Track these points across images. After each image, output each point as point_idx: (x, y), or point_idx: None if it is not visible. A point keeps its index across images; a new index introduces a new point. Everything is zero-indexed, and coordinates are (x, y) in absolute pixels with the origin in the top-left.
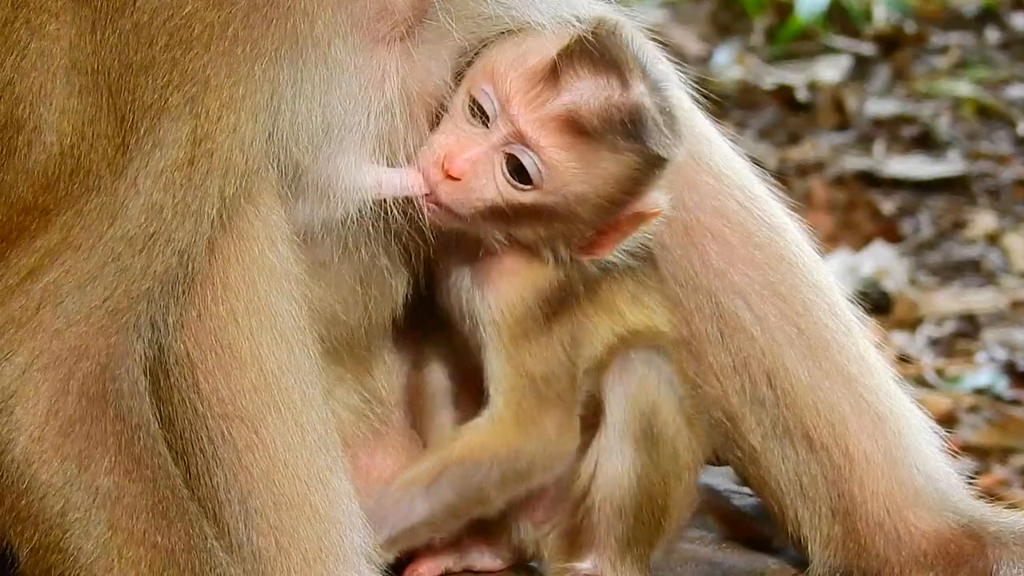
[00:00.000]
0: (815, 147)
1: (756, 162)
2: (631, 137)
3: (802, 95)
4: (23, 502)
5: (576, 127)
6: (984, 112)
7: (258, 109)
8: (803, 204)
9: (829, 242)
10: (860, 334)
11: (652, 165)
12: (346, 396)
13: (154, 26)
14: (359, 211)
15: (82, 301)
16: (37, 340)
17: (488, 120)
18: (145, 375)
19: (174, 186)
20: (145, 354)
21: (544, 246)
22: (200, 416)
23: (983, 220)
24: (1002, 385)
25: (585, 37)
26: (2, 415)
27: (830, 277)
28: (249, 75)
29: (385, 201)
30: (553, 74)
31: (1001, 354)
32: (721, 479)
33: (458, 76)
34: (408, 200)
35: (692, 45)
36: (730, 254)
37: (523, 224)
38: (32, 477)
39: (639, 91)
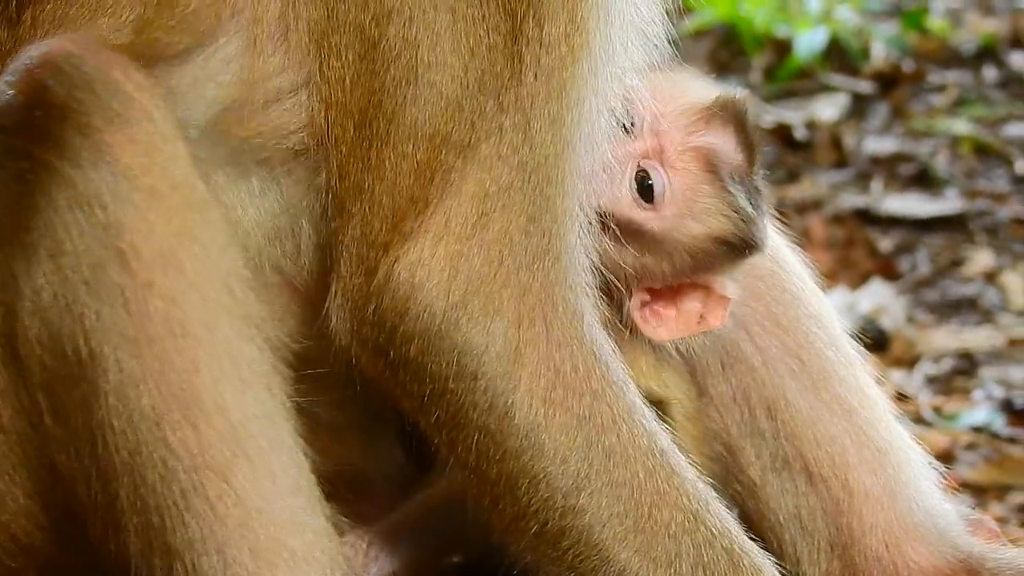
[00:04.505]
0: (813, 185)
1: None
2: (746, 203)
3: (800, 133)
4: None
5: (711, 166)
6: (982, 150)
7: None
8: (802, 241)
9: (827, 279)
10: (861, 367)
11: (740, 243)
12: None
13: None
14: None
15: (532, 247)
16: (509, 295)
17: (631, 130)
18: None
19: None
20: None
21: (619, 278)
22: (171, 470)
23: (980, 258)
24: (999, 423)
25: (737, 103)
26: (502, 379)
27: (831, 310)
28: None
29: None
30: (706, 114)
31: (998, 392)
32: None
33: None
34: None
35: None
36: None
37: (620, 243)
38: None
39: (759, 178)
